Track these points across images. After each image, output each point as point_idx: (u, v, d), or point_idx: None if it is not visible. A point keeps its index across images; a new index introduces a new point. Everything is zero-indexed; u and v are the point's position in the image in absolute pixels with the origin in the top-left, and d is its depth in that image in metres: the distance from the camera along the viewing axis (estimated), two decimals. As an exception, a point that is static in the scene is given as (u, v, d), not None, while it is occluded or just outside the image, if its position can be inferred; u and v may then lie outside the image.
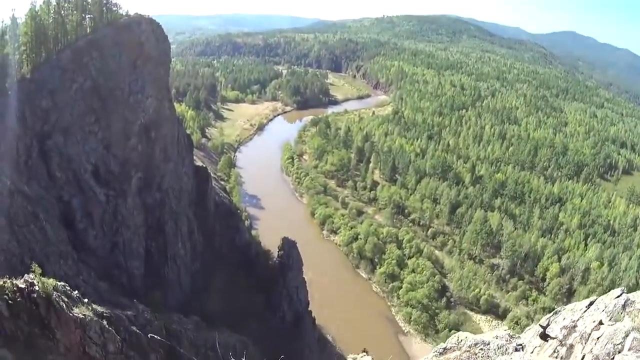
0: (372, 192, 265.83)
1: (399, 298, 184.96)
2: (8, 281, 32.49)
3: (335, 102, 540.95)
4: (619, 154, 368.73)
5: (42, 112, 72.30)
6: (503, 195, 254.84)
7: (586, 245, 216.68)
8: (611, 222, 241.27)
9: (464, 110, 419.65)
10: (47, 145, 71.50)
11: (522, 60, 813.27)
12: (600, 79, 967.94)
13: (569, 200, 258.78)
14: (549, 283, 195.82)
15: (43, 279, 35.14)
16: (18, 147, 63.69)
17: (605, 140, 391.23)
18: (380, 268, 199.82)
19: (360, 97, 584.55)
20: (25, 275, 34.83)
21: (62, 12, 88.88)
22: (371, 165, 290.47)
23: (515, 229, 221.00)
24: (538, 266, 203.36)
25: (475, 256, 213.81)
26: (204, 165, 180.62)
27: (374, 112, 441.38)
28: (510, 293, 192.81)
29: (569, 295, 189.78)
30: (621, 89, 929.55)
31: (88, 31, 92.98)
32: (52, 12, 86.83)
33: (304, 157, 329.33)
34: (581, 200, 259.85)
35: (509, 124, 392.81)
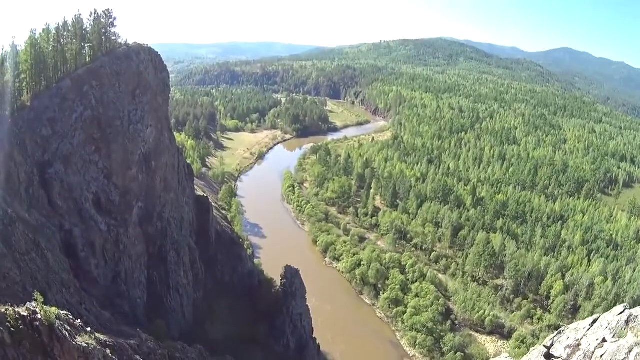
0: (373, 218, 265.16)
1: (403, 322, 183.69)
2: (10, 309, 32.39)
3: (334, 129, 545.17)
4: (618, 167, 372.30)
5: (42, 140, 72.37)
6: (505, 216, 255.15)
7: (589, 261, 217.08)
8: (614, 236, 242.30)
9: (463, 133, 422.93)
10: (48, 173, 71.51)
11: (519, 80, 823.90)
12: (597, 94, 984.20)
13: (570, 217, 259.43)
14: (553, 301, 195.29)
15: (45, 307, 35.02)
16: (19, 175, 63.81)
17: (605, 155, 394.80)
18: (384, 293, 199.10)
19: (359, 124, 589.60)
20: (28, 303, 34.76)
21: (62, 40, 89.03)
22: (372, 191, 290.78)
23: (518, 248, 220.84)
24: (542, 285, 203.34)
25: (479, 278, 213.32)
26: (205, 195, 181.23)
27: (373, 138, 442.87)
28: (515, 313, 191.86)
29: (574, 312, 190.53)
30: (618, 103, 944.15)
31: (87, 60, 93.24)
32: (51, 40, 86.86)
33: (304, 185, 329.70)
34: (583, 217, 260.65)
35: (509, 144, 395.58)
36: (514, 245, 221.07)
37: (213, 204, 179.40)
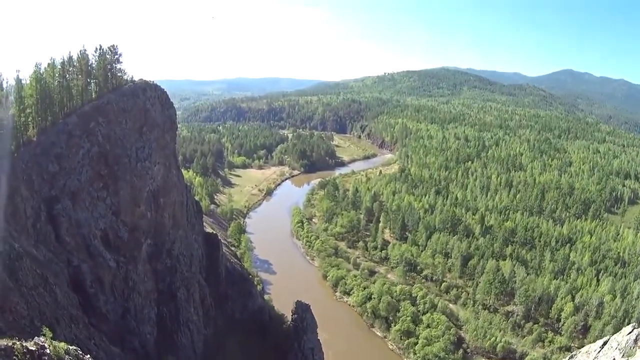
0: (383, 251, 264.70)
1: (415, 353, 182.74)
2: (18, 342, 32.27)
3: (342, 164, 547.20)
4: (623, 185, 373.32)
5: (49, 176, 72.51)
6: (513, 242, 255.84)
7: (598, 280, 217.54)
8: (621, 254, 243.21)
9: (470, 162, 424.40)
10: (56, 209, 71.52)
11: (523, 106, 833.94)
12: (599, 114, 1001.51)
13: (578, 239, 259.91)
14: (564, 323, 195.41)
15: (54, 342, 34.97)
16: (25, 210, 63.88)
17: (610, 174, 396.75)
18: (395, 325, 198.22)
19: (366, 157, 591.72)
20: (36, 337, 34.68)
21: (67, 75, 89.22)
22: (381, 224, 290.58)
23: (528, 274, 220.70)
24: (552, 308, 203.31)
25: (490, 305, 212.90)
26: (214, 232, 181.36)
27: (380, 172, 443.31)
28: (526, 337, 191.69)
29: (584, 332, 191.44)
30: (620, 120, 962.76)
31: (93, 96, 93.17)
32: (57, 75, 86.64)
33: (313, 220, 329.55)
34: (590, 237, 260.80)
35: (515, 170, 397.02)
36: (523, 271, 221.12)
37: (222, 240, 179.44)
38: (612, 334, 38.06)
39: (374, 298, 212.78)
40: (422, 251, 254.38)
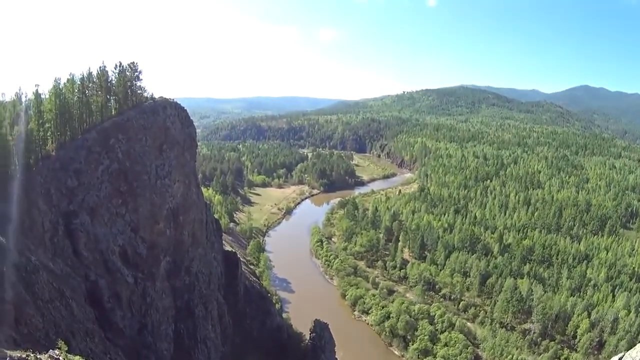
0: (402, 270, 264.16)
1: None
2: (32, 355, 32.31)
3: (361, 183, 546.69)
4: (638, 200, 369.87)
5: (67, 190, 73.12)
6: (531, 260, 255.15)
7: (614, 296, 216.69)
8: (636, 269, 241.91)
9: (489, 181, 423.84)
10: (74, 224, 72.05)
11: (540, 123, 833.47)
12: (615, 129, 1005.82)
13: (595, 256, 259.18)
14: (579, 339, 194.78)
15: (69, 355, 34.99)
16: (43, 223, 64.22)
17: (625, 189, 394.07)
18: (413, 344, 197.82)
19: (385, 177, 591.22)
20: (50, 350, 34.71)
21: (87, 91, 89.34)
22: (400, 243, 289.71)
23: (545, 292, 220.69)
24: (569, 325, 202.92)
25: (507, 324, 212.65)
26: (233, 250, 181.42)
27: (400, 191, 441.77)
28: (542, 355, 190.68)
29: (599, 347, 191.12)
30: (635, 135, 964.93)
31: (113, 113, 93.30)
32: (76, 90, 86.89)
33: (332, 239, 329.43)
34: (607, 254, 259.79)
35: (533, 188, 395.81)
36: (540, 289, 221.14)
37: (241, 258, 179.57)
38: (627, 349, 37.75)
39: (392, 317, 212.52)
40: (440, 270, 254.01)
